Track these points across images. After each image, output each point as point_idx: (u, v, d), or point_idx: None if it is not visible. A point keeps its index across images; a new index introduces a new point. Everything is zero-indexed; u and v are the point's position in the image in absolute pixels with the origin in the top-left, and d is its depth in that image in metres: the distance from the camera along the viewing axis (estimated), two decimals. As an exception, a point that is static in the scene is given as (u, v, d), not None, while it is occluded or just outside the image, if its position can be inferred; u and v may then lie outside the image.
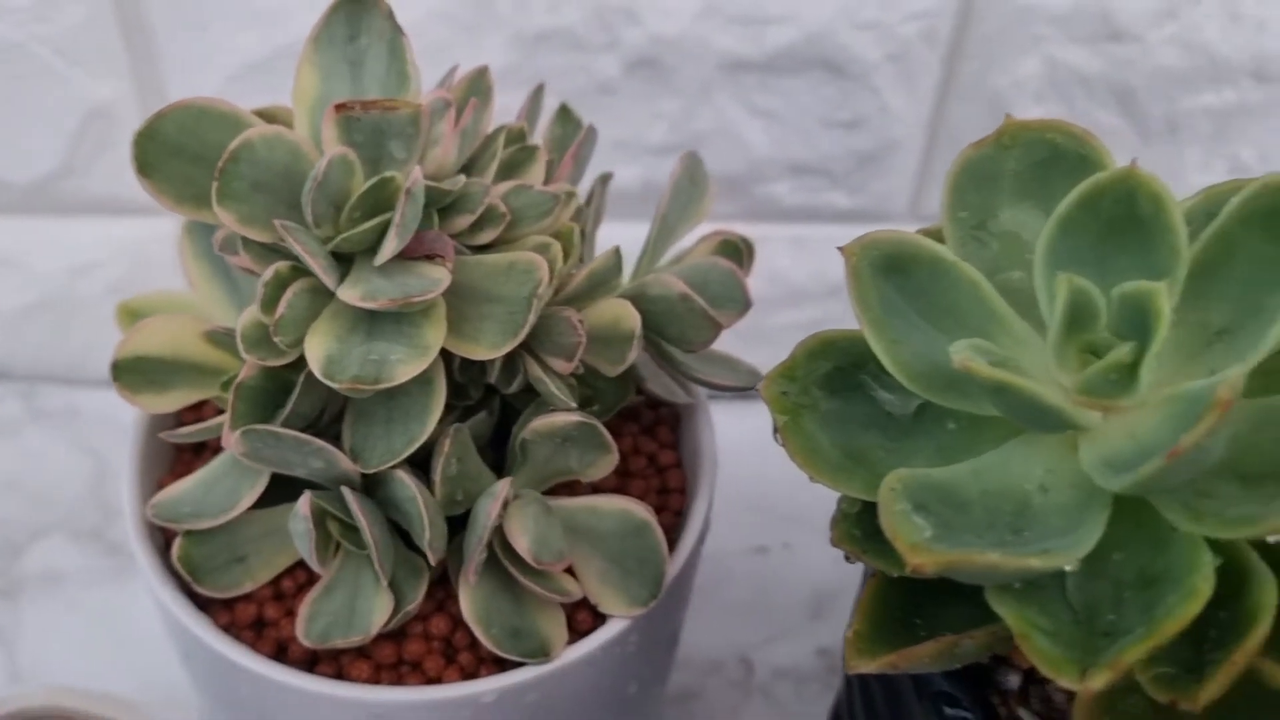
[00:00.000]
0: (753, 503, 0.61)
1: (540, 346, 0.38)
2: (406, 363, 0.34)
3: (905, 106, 0.59)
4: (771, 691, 0.57)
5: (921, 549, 0.29)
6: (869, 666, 0.33)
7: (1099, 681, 0.28)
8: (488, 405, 0.41)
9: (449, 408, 0.39)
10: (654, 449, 0.45)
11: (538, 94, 0.42)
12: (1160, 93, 0.59)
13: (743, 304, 0.41)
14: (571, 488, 0.42)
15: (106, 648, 0.57)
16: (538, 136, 0.43)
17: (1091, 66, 0.59)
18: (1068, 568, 0.29)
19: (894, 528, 0.29)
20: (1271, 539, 0.32)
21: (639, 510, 0.40)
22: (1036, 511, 0.32)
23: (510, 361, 0.38)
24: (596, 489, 0.42)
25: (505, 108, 0.53)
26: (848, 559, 0.34)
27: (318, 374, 0.34)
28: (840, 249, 0.34)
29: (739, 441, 0.50)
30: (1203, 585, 0.29)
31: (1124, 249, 0.33)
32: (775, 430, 0.34)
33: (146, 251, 0.63)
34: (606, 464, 0.39)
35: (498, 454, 0.41)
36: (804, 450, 0.34)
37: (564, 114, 0.44)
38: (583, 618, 0.40)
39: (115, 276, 0.64)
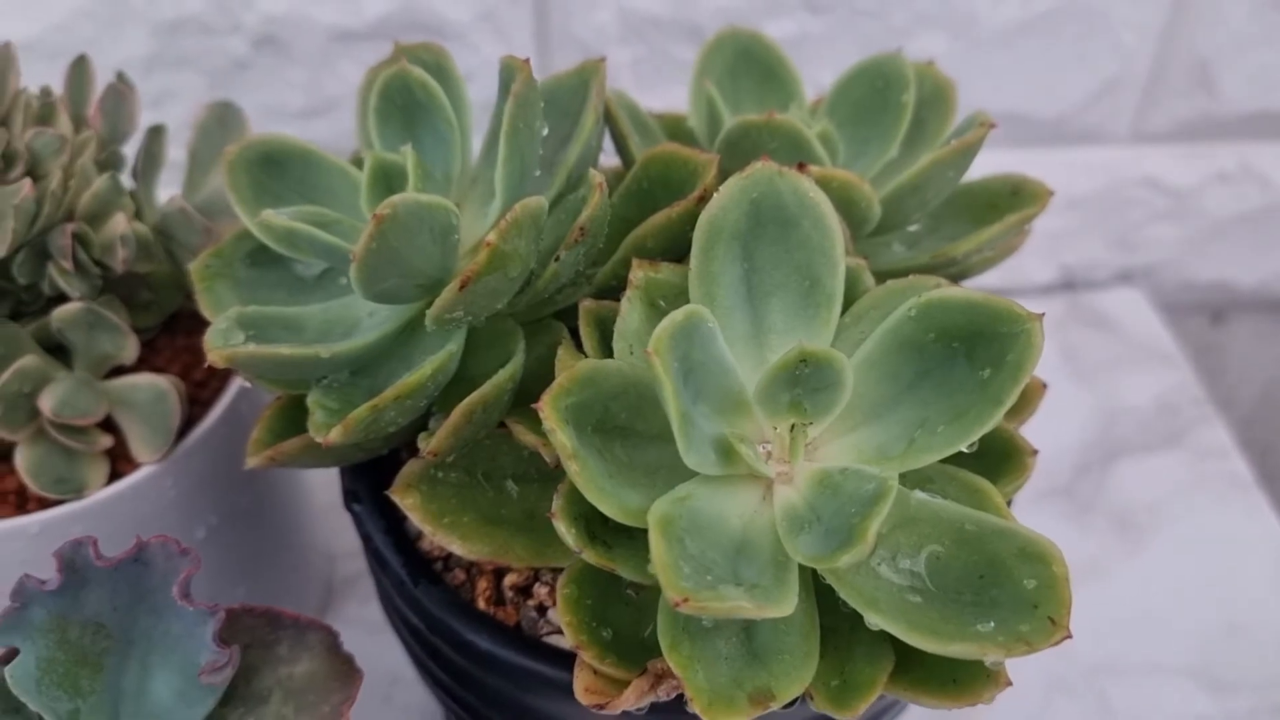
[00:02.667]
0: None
1: (54, 251, 0.48)
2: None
3: (506, 58, 0.69)
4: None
5: (216, 350, 0.39)
6: (254, 462, 0.43)
7: (337, 435, 0.38)
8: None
9: (18, 314, 0.50)
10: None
11: (79, 63, 0.53)
12: (724, 28, 0.69)
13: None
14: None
15: None
16: (94, 101, 0.54)
17: (658, 9, 0.68)
18: (326, 354, 0.39)
19: (208, 337, 0.40)
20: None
21: (162, 382, 0.50)
22: (363, 328, 0.42)
23: (37, 267, 0.49)
24: (161, 373, 0.53)
25: (165, 88, 0.64)
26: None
27: None
28: (224, 150, 0.44)
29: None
30: (428, 367, 0.39)
31: (424, 126, 0.43)
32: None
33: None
34: (132, 346, 0.50)
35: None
36: (209, 304, 0.44)
37: (120, 78, 0.54)
38: (131, 469, 0.50)
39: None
